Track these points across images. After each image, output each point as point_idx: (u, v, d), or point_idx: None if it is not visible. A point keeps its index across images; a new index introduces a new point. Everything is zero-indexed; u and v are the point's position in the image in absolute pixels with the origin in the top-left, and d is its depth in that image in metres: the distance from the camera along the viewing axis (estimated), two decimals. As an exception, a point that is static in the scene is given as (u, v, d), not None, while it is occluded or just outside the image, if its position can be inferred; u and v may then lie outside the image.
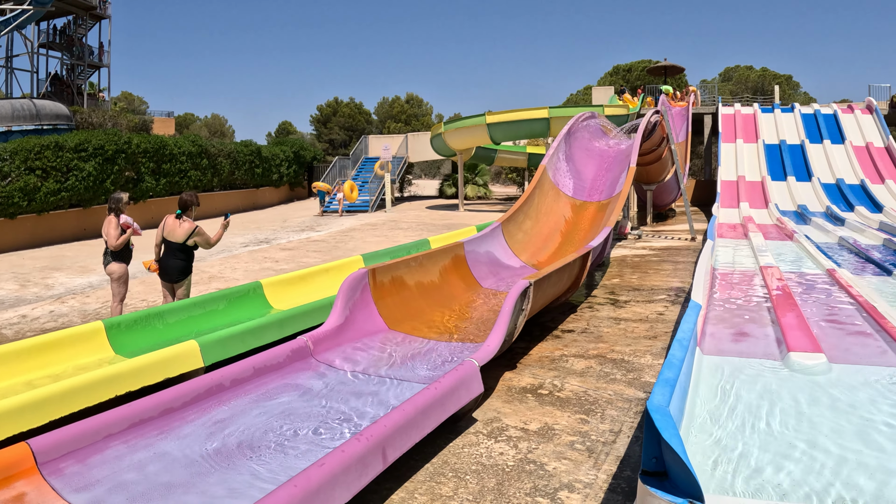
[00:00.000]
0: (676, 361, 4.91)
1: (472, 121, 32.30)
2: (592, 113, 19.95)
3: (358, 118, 76.56)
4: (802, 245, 14.89)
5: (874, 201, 24.33)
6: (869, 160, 28.72)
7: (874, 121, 32.33)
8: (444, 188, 46.74)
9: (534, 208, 13.79)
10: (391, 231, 23.26)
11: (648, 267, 14.33)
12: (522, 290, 7.24)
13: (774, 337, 7.39)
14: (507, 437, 5.49)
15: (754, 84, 72.21)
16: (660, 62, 49.64)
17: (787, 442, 4.63)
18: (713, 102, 43.52)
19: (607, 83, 63.66)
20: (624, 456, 5.18)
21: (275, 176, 38.64)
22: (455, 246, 10.25)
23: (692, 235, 19.72)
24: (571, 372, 7.23)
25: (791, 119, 33.27)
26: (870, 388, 5.78)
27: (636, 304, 10.56)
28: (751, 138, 31.52)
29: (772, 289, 9.79)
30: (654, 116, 19.89)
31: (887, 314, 8.24)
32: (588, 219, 14.63)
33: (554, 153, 15.86)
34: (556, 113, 30.84)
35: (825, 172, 27.57)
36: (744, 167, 28.43)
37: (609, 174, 16.69)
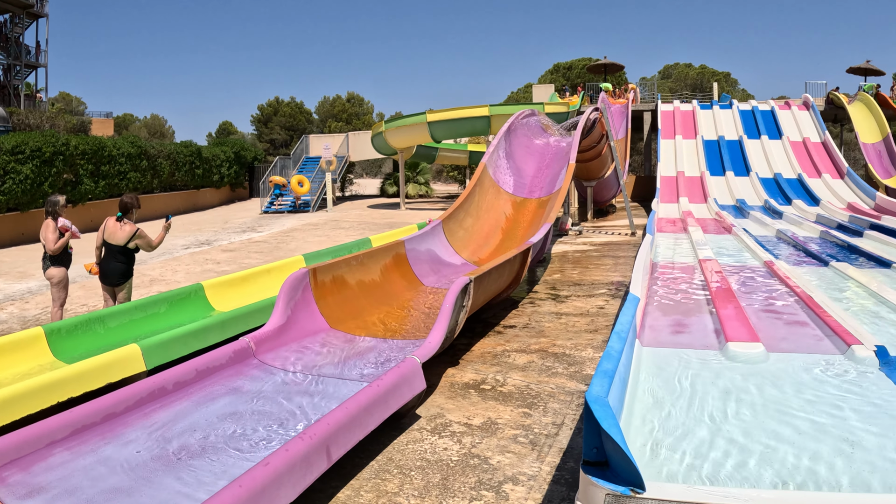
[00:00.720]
0: (615, 353, 4.98)
1: (413, 119, 32.31)
2: (532, 111, 20.07)
3: (299, 118, 76.08)
4: (741, 238, 15.15)
5: (811, 195, 24.83)
6: (806, 155, 29.31)
7: (811, 117, 33.00)
8: (386, 187, 46.68)
9: (474, 206, 13.86)
10: (333, 231, 23.20)
11: (589, 262, 14.49)
12: (463, 287, 7.29)
13: (713, 328, 7.52)
14: (450, 433, 5.54)
15: (693, 81, 73.15)
16: (600, 60, 50.13)
17: (725, 429, 4.73)
18: (653, 99, 44.06)
19: (548, 81, 64.03)
20: (567, 448, 5.26)
21: (215, 177, 38.23)
22: (396, 244, 10.27)
23: (632, 231, 19.97)
24: (513, 367, 7.30)
25: (729, 115, 33.83)
26: (806, 375, 5.93)
27: (577, 299, 10.68)
28: (690, 134, 31.98)
29: (710, 281, 9.95)
30: (593, 114, 20.08)
31: (824, 304, 8.43)
32: (528, 215, 14.74)
33: (494, 151, 15.94)
34: (497, 111, 30.97)
35: (763, 167, 28.08)
36: (683, 163, 28.82)
37: (549, 171, 16.82)
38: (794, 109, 34.01)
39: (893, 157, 31.27)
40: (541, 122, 20.01)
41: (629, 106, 36.01)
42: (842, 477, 4.07)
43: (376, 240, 13.62)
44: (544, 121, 20.30)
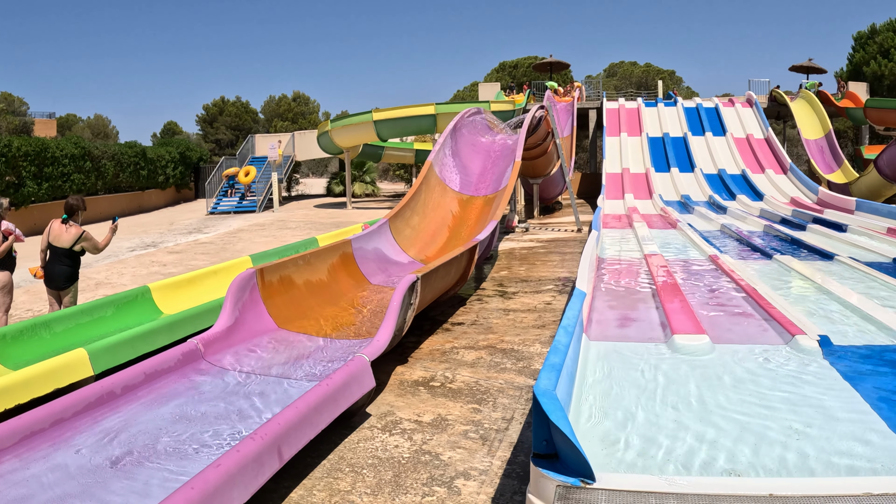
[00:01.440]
0: (562, 347, 5.04)
1: (359, 118, 32.24)
2: (478, 109, 20.17)
3: (245, 117, 75.35)
4: (686, 233, 15.37)
5: (755, 190, 25.24)
6: (749, 151, 29.80)
7: (754, 114, 33.55)
8: (332, 186, 46.46)
9: (421, 204, 13.89)
10: (279, 231, 23.08)
11: (536, 259, 14.60)
12: (410, 285, 7.34)
13: (659, 321, 7.64)
14: (401, 430, 5.57)
15: (638, 79, 73.75)
16: (546, 59, 50.36)
17: (673, 419, 4.82)
18: (598, 97, 44.46)
19: (494, 79, 64.16)
20: (517, 442, 5.32)
21: (161, 178, 37.77)
22: (343, 244, 10.27)
23: (578, 227, 20.15)
24: (462, 363, 7.36)
25: (674, 112, 34.25)
26: (750, 365, 6.06)
27: (524, 295, 10.77)
28: (635, 132, 32.32)
29: (656, 276, 10.09)
30: (539, 112, 20.22)
31: (768, 296, 8.60)
32: (475, 213, 14.81)
33: (440, 149, 15.99)
34: (443, 109, 31.03)
35: (707, 163, 28.48)
36: (628, 160, 29.15)
37: (495, 169, 16.90)
38: (737, 107, 34.55)
39: (835, 152, 31.92)
40: (486, 120, 20.10)
41: (574, 104, 36.27)
42: (788, 462, 4.19)
43: (323, 239, 13.60)
44: (490, 119, 20.40)
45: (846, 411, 5.00)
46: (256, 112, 78.03)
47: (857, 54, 52.99)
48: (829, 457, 4.26)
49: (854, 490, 3.54)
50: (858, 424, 4.77)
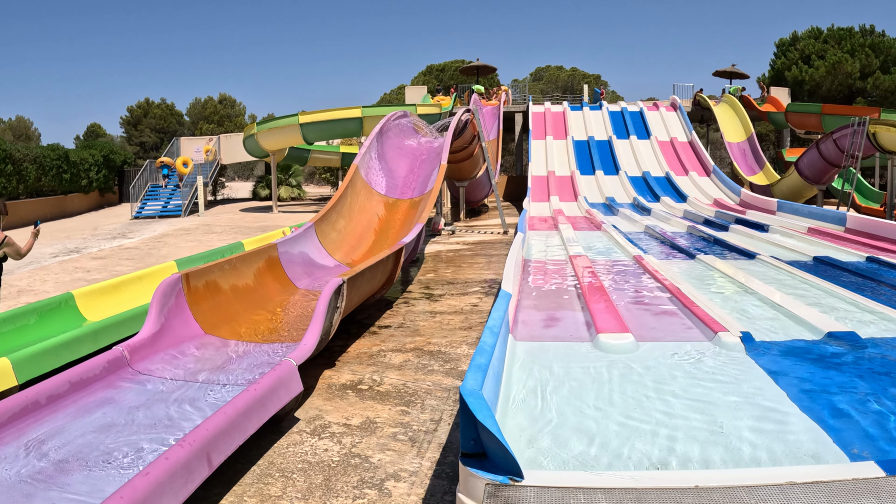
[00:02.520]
0: (488, 347, 5.11)
1: (285, 121, 32.07)
2: (405, 112, 20.23)
3: (170, 119, 74.08)
4: (610, 234, 15.60)
5: (679, 192, 25.72)
6: (673, 154, 30.37)
7: (678, 117, 34.22)
8: (258, 190, 46.06)
9: (347, 207, 13.89)
10: (205, 235, 22.83)
11: (462, 261, 14.69)
12: (336, 288, 7.35)
13: (584, 321, 7.77)
14: (330, 434, 5.59)
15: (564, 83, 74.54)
16: (472, 62, 50.60)
17: (599, 416, 4.92)
18: (524, 101, 44.80)
19: (421, 82, 64.23)
20: (446, 442, 5.38)
21: (84, 181, 36.92)
22: (269, 248, 10.23)
23: (504, 229, 20.30)
24: (390, 366, 7.40)
25: (599, 116, 34.73)
26: (674, 362, 6.21)
27: (451, 297, 10.85)
28: (560, 135, 32.69)
29: (581, 276, 10.23)
30: (465, 115, 20.35)
31: (691, 295, 8.79)
32: (401, 216, 14.86)
33: (366, 152, 16.01)
34: (370, 112, 31.03)
35: (632, 166, 28.95)
36: (554, 163, 29.47)
37: (421, 172, 16.98)
38: (662, 110, 35.20)
39: (757, 155, 32.75)
40: (413, 123, 20.17)
41: (501, 107, 36.54)
42: (713, 455, 4.32)
43: (249, 243, 13.51)
44: (416, 122, 20.47)
45: (768, 405, 5.18)
46: (182, 114, 76.82)
47: (780, 60, 54.29)
48: (752, 448, 4.41)
49: (777, 479, 3.66)
50: (780, 417, 4.94)
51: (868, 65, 49.99)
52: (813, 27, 54.03)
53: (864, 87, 49.69)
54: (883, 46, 50.95)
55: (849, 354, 6.55)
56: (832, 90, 49.56)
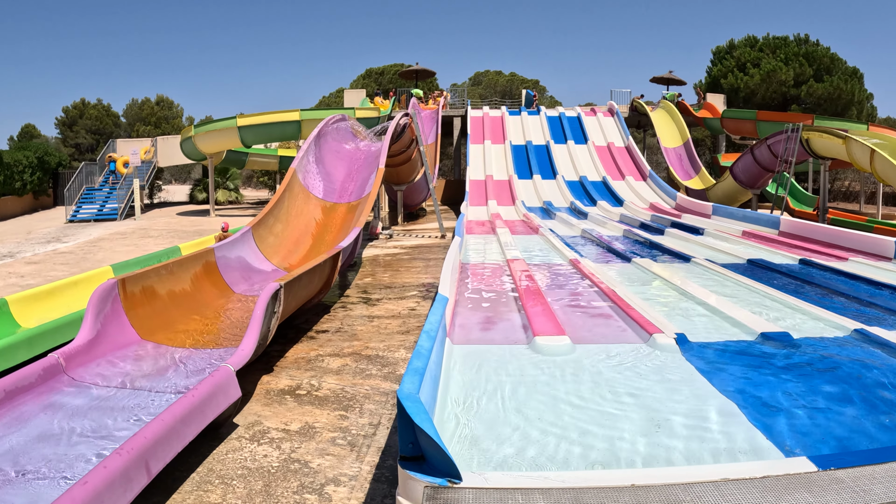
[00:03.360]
0: (425, 351, 5.14)
1: (223, 124, 31.81)
2: (343, 115, 20.21)
3: (106, 121, 72.79)
4: (547, 238, 15.75)
5: (615, 196, 26.05)
6: (610, 159, 30.75)
7: (615, 123, 34.67)
8: (195, 193, 45.54)
9: (284, 211, 13.85)
10: (141, 239, 22.54)
11: (400, 265, 14.73)
12: (273, 293, 7.34)
13: (521, 324, 7.86)
14: (269, 440, 5.59)
15: (503, 88, 74.94)
16: (412, 66, 50.68)
17: (536, 417, 4.99)
18: (463, 105, 44.96)
19: (360, 86, 64.04)
20: (385, 446, 5.41)
21: (17, 184, 36.10)
22: (206, 252, 10.16)
23: (442, 233, 20.38)
24: (328, 371, 7.41)
25: (537, 121, 35.00)
26: (611, 363, 6.32)
27: (389, 302, 10.88)
28: (498, 139, 32.89)
29: (518, 280, 10.34)
30: (403, 119, 20.39)
31: (627, 297, 8.95)
32: (339, 220, 14.86)
33: (304, 156, 15.97)
34: (308, 115, 30.91)
35: (569, 170, 29.24)
36: (492, 167, 29.65)
37: (359, 176, 16.99)
38: (599, 116, 35.65)
39: (693, 160, 33.31)
40: (351, 127, 20.16)
41: (439, 111, 36.64)
42: (649, 454, 4.41)
43: (186, 248, 13.41)
44: (355, 126, 20.47)
45: (703, 403, 5.31)
46: (118, 115, 75.55)
47: (716, 67, 55.27)
48: (687, 446, 4.52)
49: (712, 476, 3.77)
50: (714, 415, 5.07)
51: (802, 73, 51.14)
52: (749, 36, 55.21)
53: (798, 95, 50.86)
54: (817, 55, 52.20)
55: (782, 354, 6.73)
56: (767, 97, 50.63)
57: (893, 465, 4.05)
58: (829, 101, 49.88)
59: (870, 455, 4.25)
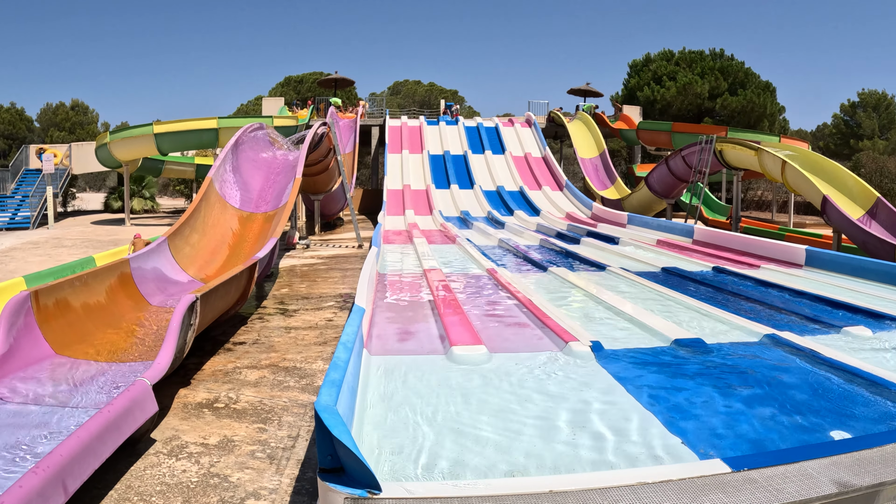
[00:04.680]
0: (341, 363, 5.18)
1: (139, 130, 31.34)
2: (261, 124, 20.11)
3: (19, 125, 70.70)
4: (465, 248, 15.90)
5: (532, 206, 26.38)
6: (527, 169, 31.14)
7: (533, 133, 35.14)
8: (111, 202, 44.69)
9: (200, 221, 13.73)
10: (55, 249, 22.03)
11: (317, 275, 14.72)
12: (189, 305, 7.30)
13: (438, 334, 7.95)
14: (188, 454, 5.57)
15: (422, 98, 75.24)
16: (331, 74, 50.59)
17: (454, 426, 5.07)
18: (381, 114, 45.05)
19: (279, 94, 63.68)
20: (305, 459, 5.43)
21: (-75, 190, 35.11)
22: (121, 263, 10.02)
23: (359, 243, 20.40)
24: (246, 383, 7.40)
25: (455, 131, 35.23)
26: (528, 372, 6.45)
27: (306, 313, 10.88)
28: (416, 149, 33.04)
29: (435, 290, 10.43)
30: (321, 128, 20.38)
31: (543, 306, 9.11)
32: (255, 230, 14.79)
33: (221, 164, 15.86)
34: (226, 123, 30.66)
35: (486, 180, 29.53)
36: (409, 176, 29.76)
37: (276, 185, 16.94)
38: (517, 126, 36.08)
39: (609, 170, 33.96)
40: (269, 135, 20.08)
41: (357, 121, 36.66)
42: (566, 460, 4.53)
43: (101, 258, 13.19)
44: (272, 134, 20.39)
45: (618, 410, 5.47)
46: (32, 120, 73.58)
47: (633, 80, 56.41)
48: (604, 452, 4.66)
49: (629, 480, 3.90)
50: (630, 420, 5.23)
51: (717, 86, 52.56)
52: (665, 49, 56.58)
53: (713, 108, 52.28)
54: (731, 69, 53.74)
55: (695, 360, 6.96)
56: (682, 109, 51.86)
57: (805, 464, 4.25)
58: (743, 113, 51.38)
59: (782, 455, 4.43)
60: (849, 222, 17.93)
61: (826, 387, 6.19)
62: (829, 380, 6.38)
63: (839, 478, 4.10)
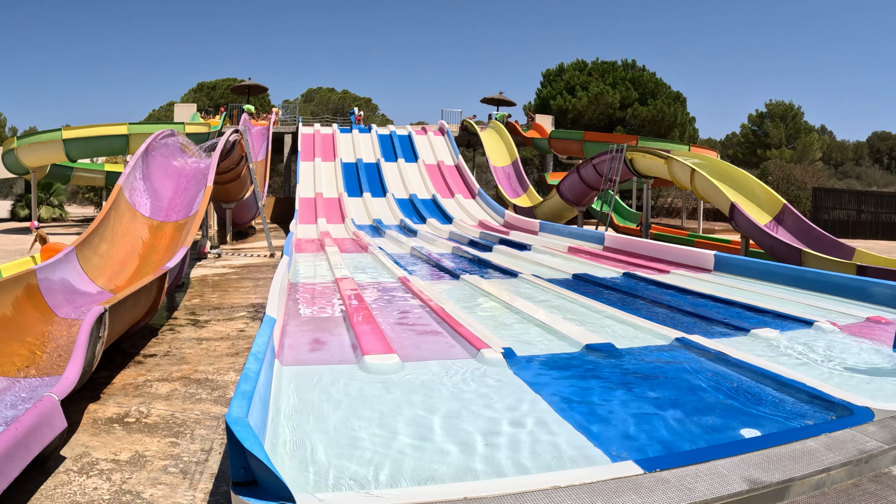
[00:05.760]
0: (252, 374, 5.20)
1: (48, 136, 30.67)
2: (172, 131, 19.88)
3: (-78, 128, 68.60)
4: (377, 256, 15.96)
5: (445, 214, 26.57)
6: (440, 177, 31.35)
7: (446, 142, 35.40)
8: (17, 209, 43.55)
9: (110, 230, 13.50)
10: (-47, 259, 21.45)
11: (229, 285, 14.60)
12: (98, 317, 7.18)
13: (350, 343, 8.01)
14: (99, 471, 5.49)
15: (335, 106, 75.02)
16: (244, 81, 50.23)
17: (368, 436, 5.14)
18: (294, 122, 44.86)
19: (191, 100, 62.88)
20: (218, 472, 5.40)
21: None
22: (27, 274, 9.81)
23: (271, 252, 20.29)
24: (157, 396, 7.32)
25: (368, 139, 35.29)
26: (439, 380, 6.55)
27: (217, 323, 10.80)
28: (329, 157, 33.03)
29: (347, 299, 10.47)
30: (233, 135, 20.23)
31: (455, 314, 9.23)
32: (166, 239, 14.62)
33: (131, 172, 15.63)
34: (137, 129, 30.23)
35: (399, 189, 29.65)
36: (322, 184, 29.73)
37: (187, 193, 16.76)
38: (430, 135, 36.29)
39: (521, 178, 34.38)
40: (180, 142, 19.87)
41: (270, 128, 36.44)
42: (479, 467, 4.62)
43: (7, 269, 12.91)
44: (184, 142, 20.19)
45: (531, 415, 5.60)
46: (-65, 123, 71.29)
47: (545, 89, 57.21)
48: (518, 457, 4.77)
49: (542, 485, 4.02)
50: (542, 425, 5.36)
51: (628, 96, 53.67)
52: (578, 60, 57.57)
53: (624, 117, 53.38)
54: (643, 80, 54.94)
55: (606, 364, 7.15)
56: (594, 119, 52.83)
57: (716, 463, 4.43)
58: (654, 122, 52.55)
59: (693, 455, 4.62)
60: (756, 228, 18.52)
61: (735, 387, 6.44)
62: (738, 381, 6.64)
63: (749, 475, 4.29)
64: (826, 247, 18.25)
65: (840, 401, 5.91)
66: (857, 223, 39.75)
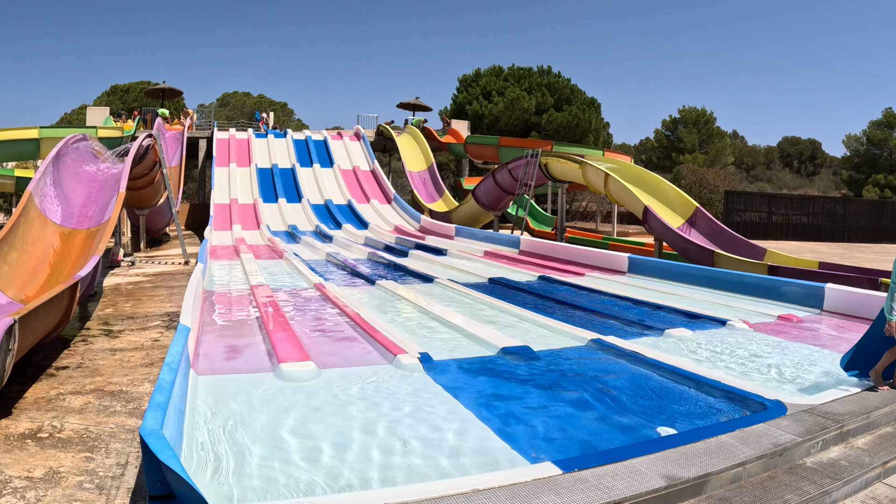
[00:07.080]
0: (167, 385, 5.19)
1: (-46, 139, 29.84)
2: (84, 135, 19.48)
3: None
4: (292, 263, 15.93)
5: (360, 219, 26.59)
6: (356, 182, 31.35)
7: (361, 147, 35.40)
8: (-80, 217, 42.25)
9: (19, 238, 13.18)
10: None
11: (143, 294, 14.41)
12: (7, 329, 7.04)
13: (266, 351, 8.02)
14: (12, 489, 5.40)
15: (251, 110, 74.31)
16: (159, 84, 49.38)
17: (284, 444, 5.19)
18: (209, 126, 44.35)
19: (104, 103, 61.54)
20: (135, 486, 5.36)
21: None
22: (-67, 285, 9.59)
23: (186, 259, 20.06)
24: (70, 410, 7.22)
25: (283, 144, 35.09)
26: (356, 386, 6.64)
27: (131, 333, 10.67)
28: (244, 162, 32.75)
29: (263, 306, 10.45)
30: (147, 140, 19.94)
31: (371, 320, 9.30)
32: (78, 247, 14.35)
33: (41, 177, 15.29)
34: (48, 133, 29.65)
35: (315, 194, 29.57)
36: (237, 190, 29.48)
37: (99, 200, 16.47)
38: (346, 140, 36.24)
39: (437, 183, 34.54)
40: (92, 147, 19.49)
41: (185, 133, 35.97)
42: (397, 473, 4.71)
43: None
44: (96, 146, 19.80)
45: (449, 418, 5.70)
46: None
47: (462, 95, 57.50)
48: (437, 461, 4.86)
49: (462, 488, 4.11)
50: (460, 428, 5.48)
51: (543, 102, 54.28)
52: (495, 65, 58.00)
53: (540, 122, 53.96)
54: (558, 86, 55.63)
55: (523, 367, 7.30)
56: (510, 124, 53.29)
57: (633, 461, 4.58)
58: (569, 128, 53.28)
59: (610, 454, 4.76)
60: (669, 231, 18.97)
61: (651, 386, 6.64)
62: (653, 379, 6.84)
63: (667, 471, 4.44)
64: (738, 248, 18.80)
65: (754, 396, 6.15)
66: (768, 225, 40.91)
